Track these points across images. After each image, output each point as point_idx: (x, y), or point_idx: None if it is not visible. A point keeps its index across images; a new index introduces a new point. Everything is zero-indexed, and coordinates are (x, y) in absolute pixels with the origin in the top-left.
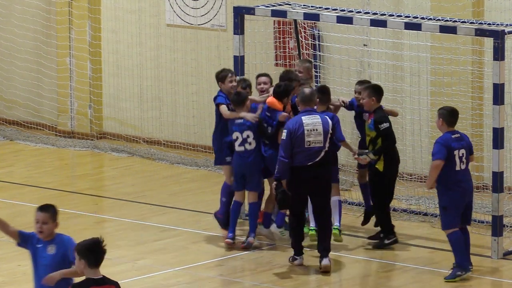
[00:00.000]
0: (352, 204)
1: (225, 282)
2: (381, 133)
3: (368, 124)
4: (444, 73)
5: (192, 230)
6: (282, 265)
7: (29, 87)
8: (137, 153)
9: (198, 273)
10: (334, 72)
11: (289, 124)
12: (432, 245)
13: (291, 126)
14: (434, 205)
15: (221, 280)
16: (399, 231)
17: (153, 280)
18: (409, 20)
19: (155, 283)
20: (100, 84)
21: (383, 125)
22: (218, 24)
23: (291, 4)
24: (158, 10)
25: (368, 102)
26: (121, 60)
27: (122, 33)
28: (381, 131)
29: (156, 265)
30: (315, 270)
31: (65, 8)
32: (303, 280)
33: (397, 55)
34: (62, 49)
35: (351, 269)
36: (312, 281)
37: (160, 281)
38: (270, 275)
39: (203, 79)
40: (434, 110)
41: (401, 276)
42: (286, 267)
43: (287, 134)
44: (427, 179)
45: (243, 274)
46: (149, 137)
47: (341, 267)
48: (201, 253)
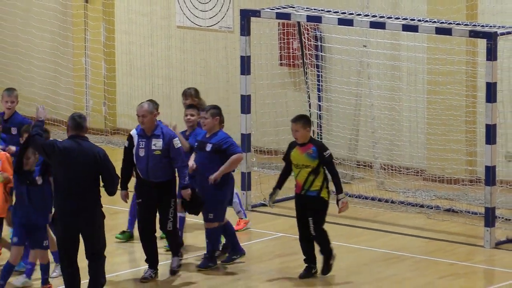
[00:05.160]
0: (353, 196)
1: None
2: (326, 160)
3: (310, 153)
4: (440, 72)
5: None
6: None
7: (46, 85)
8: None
9: None
10: (336, 72)
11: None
12: (427, 235)
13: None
14: (430, 197)
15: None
16: (397, 222)
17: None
18: (407, 22)
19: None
20: (114, 83)
21: (328, 152)
22: (225, 26)
23: (294, 7)
24: (169, 12)
25: (304, 134)
26: (134, 60)
27: (134, 35)
28: (327, 158)
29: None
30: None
31: (81, 11)
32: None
33: (395, 56)
34: (78, 50)
35: (349, 258)
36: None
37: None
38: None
39: (211, 78)
40: (431, 108)
41: (398, 265)
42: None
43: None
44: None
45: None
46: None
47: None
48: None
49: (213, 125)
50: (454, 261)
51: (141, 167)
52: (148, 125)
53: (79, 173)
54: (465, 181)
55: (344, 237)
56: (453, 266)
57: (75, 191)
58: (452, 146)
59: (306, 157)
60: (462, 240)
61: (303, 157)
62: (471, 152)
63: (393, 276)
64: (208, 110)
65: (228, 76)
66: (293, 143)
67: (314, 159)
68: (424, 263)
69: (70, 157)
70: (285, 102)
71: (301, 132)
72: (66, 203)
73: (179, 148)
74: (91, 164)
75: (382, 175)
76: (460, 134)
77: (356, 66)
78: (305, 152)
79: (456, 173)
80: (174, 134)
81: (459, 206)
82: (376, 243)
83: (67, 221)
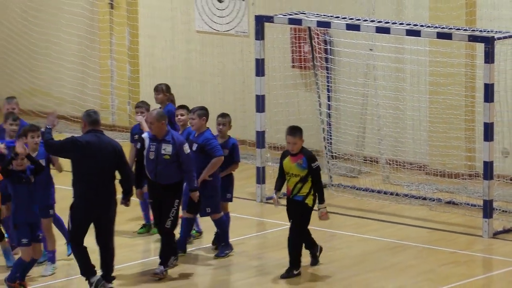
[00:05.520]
0: (360, 190)
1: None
2: (314, 171)
3: (300, 163)
4: (441, 74)
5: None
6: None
7: (75, 85)
8: None
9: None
10: (344, 74)
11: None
12: (430, 226)
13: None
14: (432, 190)
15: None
16: (401, 214)
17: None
18: (410, 28)
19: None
20: (138, 83)
21: (316, 163)
22: (241, 30)
23: (305, 13)
24: (189, 18)
25: (300, 145)
26: (156, 62)
27: (157, 39)
28: (315, 170)
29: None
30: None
31: (107, 16)
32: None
33: (399, 58)
34: (104, 52)
35: (355, 247)
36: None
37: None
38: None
39: (228, 79)
40: (432, 107)
41: (402, 253)
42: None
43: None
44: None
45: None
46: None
47: (345, 245)
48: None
49: (200, 125)
50: (454, 250)
51: (149, 169)
52: (156, 131)
53: (100, 164)
54: (464, 176)
55: (353, 228)
56: (454, 254)
57: (96, 180)
58: (452, 142)
59: (296, 167)
60: (462, 230)
61: (294, 166)
62: (470, 148)
63: (398, 264)
64: (195, 111)
65: (244, 77)
66: (286, 152)
67: (304, 169)
68: (426, 251)
69: (92, 150)
70: (296, 101)
71: (298, 144)
72: (87, 191)
73: (188, 154)
74: (111, 155)
75: (388, 169)
76: (460, 131)
77: (363, 68)
78: (296, 162)
79: (456, 168)
80: (184, 140)
81: (459, 198)
82: (382, 233)
83: (87, 208)
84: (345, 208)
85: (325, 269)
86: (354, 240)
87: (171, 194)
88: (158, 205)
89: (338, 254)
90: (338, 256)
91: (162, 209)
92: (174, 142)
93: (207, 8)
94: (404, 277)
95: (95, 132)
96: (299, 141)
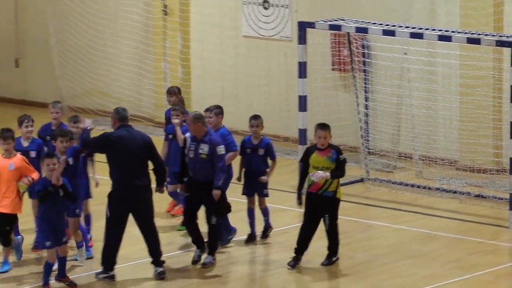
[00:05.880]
0: (395, 183)
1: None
2: (341, 162)
3: (330, 156)
4: (470, 77)
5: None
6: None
7: (131, 86)
8: None
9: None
10: (380, 76)
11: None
12: (459, 217)
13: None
14: (462, 184)
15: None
16: (433, 206)
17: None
18: (442, 33)
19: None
20: (189, 84)
21: (343, 156)
22: (285, 35)
23: (345, 20)
24: (236, 24)
25: (328, 140)
26: (206, 65)
27: (207, 43)
28: (342, 161)
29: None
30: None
31: (161, 22)
32: (353, 246)
33: (431, 62)
34: (158, 56)
35: (389, 237)
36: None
37: None
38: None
39: (273, 81)
40: (462, 107)
41: (433, 243)
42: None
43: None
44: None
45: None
46: (229, 127)
47: (381, 235)
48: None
49: (217, 122)
50: (482, 240)
51: (190, 167)
52: (194, 132)
53: (133, 156)
54: (492, 171)
55: (388, 219)
56: (481, 244)
57: (130, 171)
58: (481, 140)
59: (327, 160)
60: (489, 222)
61: (324, 160)
62: (497, 145)
63: (429, 253)
64: (212, 110)
65: (287, 79)
66: (311, 148)
67: (333, 161)
68: (456, 241)
69: (124, 143)
70: (336, 102)
71: (328, 139)
72: (123, 182)
73: (221, 155)
74: (142, 147)
75: (421, 165)
76: (488, 130)
77: (398, 71)
78: (326, 155)
79: (485, 164)
80: (220, 142)
81: (487, 192)
82: (415, 224)
83: (124, 197)
84: (381, 201)
85: (362, 257)
86: (389, 230)
87: (208, 191)
88: (192, 200)
89: (374, 243)
90: (374, 245)
91: (205, 205)
92: (211, 142)
93: (254, 14)
94: (435, 265)
95: (125, 127)
96: (329, 136)
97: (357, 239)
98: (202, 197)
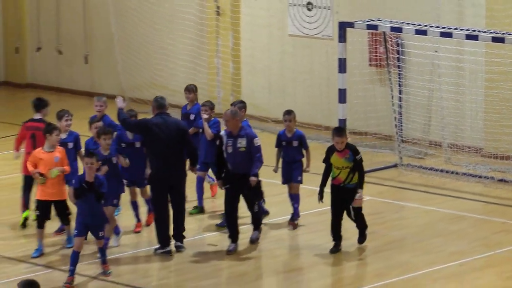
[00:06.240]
0: (426, 169)
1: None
2: (358, 162)
3: (347, 157)
4: (495, 72)
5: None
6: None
7: (187, 80)
8: (267, 129)
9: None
10: (413, 71)
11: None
12: (484, 200)
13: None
14: (486, 170)
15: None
16: (460, 189)
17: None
18: (469, 33)
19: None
20: (239, 78)
21: (359, 155)
22: (327, 34)
23: (381, 20)
24: (283, 24)
25: (345, 143)
26: (255, 61)
27: (256, 41)
28: (358, 160)
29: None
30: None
31: (214, 22)
32: (387, 225)
33: (459, 59)
34: (211, 52)
35: (415, 218)
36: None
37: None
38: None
39: (315, 76)
40: (488, 100)
41: (459, 223)
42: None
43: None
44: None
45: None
46: (275, 117)
47: (413, 215)
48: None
49: (240, 116)
50: (505, 220)
51: (229, 161)
52: (232, 127)
53: (168, 140)
54: None
55: (419, 201)
56: (505, 224)
57: (166, 154)
58: (504, 130)
59: (345, 161)
60: (511, 203)
61: (342, 160)
62: None
63: (456, 232)
64: (236, 104)
65: (329, 74)
66: (331, 148)
67: (350, 161)
68: (481, 221)
69: (160, 129)
70: (373, 94)
71: (344, 142)
72: (160, 165)
73: (258, 146)
74: (175, 133)
75: (449, 152)
76: (510, 120)
77: (429, 67)
78: (344, 157)
79: (508, 151)
80: (255, 134)
81: (510, 177)
82: (444, 205)
83: (162, 178)
84: (412, 184)
85: (395, 236)
86: (420, 211)
87: (247, 182)
88: (232, 192)
89: (406, 222)
90: (406, 225)
91: (245, 196)
92: (247, 136)
93: (298, 15)
94: (462, 242)
95: (161, 115)
96: (345, 140)
97: (391, 219)
98: (241, 188)
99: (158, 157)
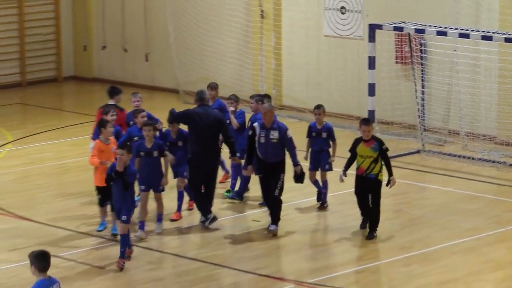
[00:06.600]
0: (445, 154)
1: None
2: (384, 152)
3: (373, 147)
4: (508, 69)
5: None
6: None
7: (234, 75)
8: (304, 119)
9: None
10: (434, 68)
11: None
12: (497, 182)
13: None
14: (499, 156)
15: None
16: (476, 173)
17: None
18: (484, 34)
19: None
20: (281, 74)
21: (385, 146)
22: (358, 35)
23: (406, 22)
24: (319, 25)
25: (371, 132)
26: (294, 59)
27: (295, 41)
28: (384, 150)
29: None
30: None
31: (258, 24)
32: (410, 204)
33: (476, 57)
34: (256, 51)
35: (435, 198)
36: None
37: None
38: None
39: (348, 72)
40: (501, 94)
41: (475, 203)
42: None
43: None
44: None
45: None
46: (312, 109)
47: (433, 195)
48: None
49: (256, 108)
50: None
51: (261, 151)
52: (267, 120)
53: (206, 129)
54: None
55: (439, 183)
56: None
57: (204, 141)
58: None
59: (370, 150)
60: None
61: (368, 150)
62: None
63: (472, 210)
64: (254, 97)
65: (359, 70)
66: (358, 139)
67: (376, 151)
68: (495, 202)
69: (200, 118)
70: (398, 89)
71: (371, 131)
72: (199, 150)
73: (290, 138)
74: (213, 122)
75: (466, 140)
76: None
77: (448, 64)
78: (369, 146)
79: None
80: (286, 127)
81: None
82: (461, 187)
83: (199, 162)
84: (433, 168)
85: (417, 213)
86: (439, 192)
87: (277, 170)
88: (267, 179)
89: (427, 202)
90: (427, 204)
91: (270, 182)
92: (280, 128)
93: (333, 18)
94: (477, 220)
95: (202, 106)
96: (372, 129)
97: (413, 199)
98: (273, 175)
99: (198, 143)
